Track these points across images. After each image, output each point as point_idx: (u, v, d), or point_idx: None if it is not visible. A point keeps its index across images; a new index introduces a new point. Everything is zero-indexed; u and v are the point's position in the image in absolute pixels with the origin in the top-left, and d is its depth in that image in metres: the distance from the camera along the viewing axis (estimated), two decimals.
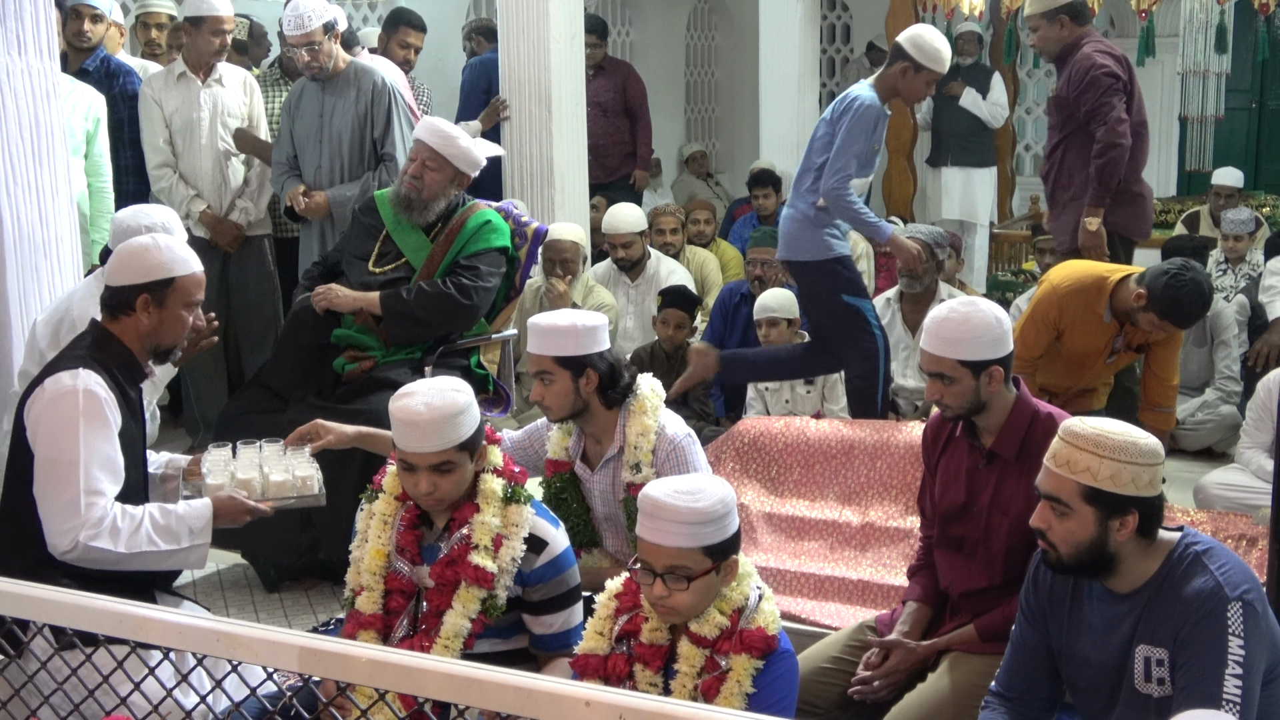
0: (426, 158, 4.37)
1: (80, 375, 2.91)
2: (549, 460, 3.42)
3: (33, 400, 2.93)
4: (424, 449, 2.71)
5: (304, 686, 1.77)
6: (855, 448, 4.32)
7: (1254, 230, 6.91)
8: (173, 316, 3.07)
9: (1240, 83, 10.55)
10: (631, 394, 3.29)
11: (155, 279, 3.04)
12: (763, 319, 5.27)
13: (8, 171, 3.96)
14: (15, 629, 1.86)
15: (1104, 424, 2.41)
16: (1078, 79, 5.12)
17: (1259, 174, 10.76)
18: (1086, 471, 2.37)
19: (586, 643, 2.64)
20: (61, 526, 2.83)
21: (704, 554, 2.44)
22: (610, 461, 3.31)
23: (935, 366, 3.01)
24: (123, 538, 2.87)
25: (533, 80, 6.31)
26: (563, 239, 5.79)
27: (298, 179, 5.30)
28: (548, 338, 3.23)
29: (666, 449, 3.26)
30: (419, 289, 4.34)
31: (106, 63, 5.43)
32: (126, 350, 3.05)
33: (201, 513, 3.00)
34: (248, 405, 4.39)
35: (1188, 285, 4.05)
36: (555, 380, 3.22)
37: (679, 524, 2.42)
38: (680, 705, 1.45)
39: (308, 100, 5.30)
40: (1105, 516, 2.37)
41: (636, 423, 3.27)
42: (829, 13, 11.50)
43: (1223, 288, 6.61)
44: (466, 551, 2.75)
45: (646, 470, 3.22)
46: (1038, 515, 2.47)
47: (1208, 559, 2.39)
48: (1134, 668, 2.43)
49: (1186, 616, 2.34)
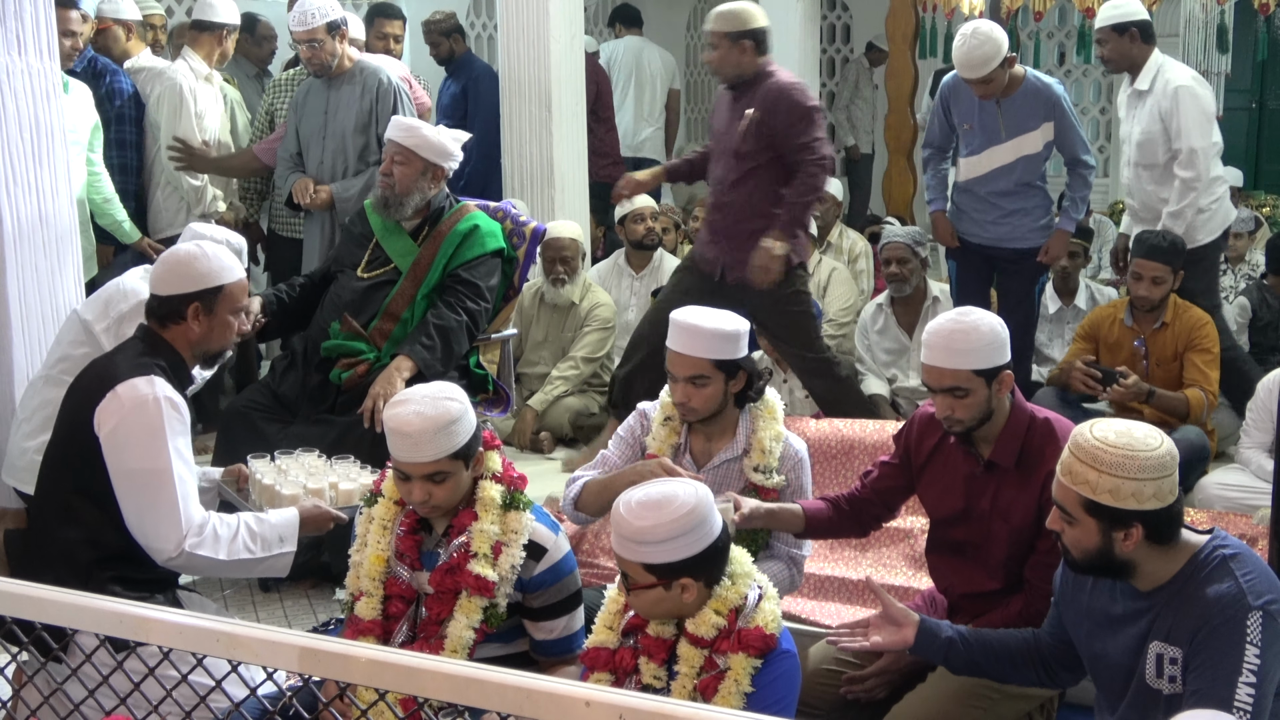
0: (394, 153, 4.40)
1: (156, 383, 2.95)
2: (649, 455, 3.33)
3: (106, 406, 2.93)
4: (417, 459, 2.70)
5: (304, 686, 1.77)
6: (855, 448, 4.32)
7: (1254, 230, 6.91)
8: (221, 323, 3.12)
9: (1240, 83, 10.54)
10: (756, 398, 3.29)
11: (205, 287, 3.08)
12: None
13: (8, 171, 3.96)
14: (45, 636, 1.87)
15: (1109, 435, 2.35)
16: (785, 110, 4.91)
17: (1259, 174, 10.77)
18: (1086, 484, 2.34)
19: (595, 636, 2.65)
20: (165, 534, 2.91)
21: (645, 570, 2.46)
22: (729, 463, 3.27)
23: (949, 381, 2.92)
24: (224, 545, 2.96)
25: (533, 80, 6.31)
26: (561, 236, 5.79)
27: (301, 175, 5.32)
28: (708, 340, 3.15)
29: (793, 459, 3.27)
30: (435, 329, 4.30)
31: (94, 63, 5.45)
32: (178, 356, 3.09)
33: (290, 521, 3.11)
34: (252, 404, 4.39)
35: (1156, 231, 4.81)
36: (710, 383, 3.17)
37: (620, 535, 2.46)
38: (680, 705, 1.45)
39: (314, 97, 5.31)
40: (1108, 528, 2.35)
41: (769, 428, 3.25)
42: (829, 13, 11.49)
43: (1222, 288, 6.62)
44: (466, 560, 2.74)
45: (777, 478, 3.22)
46: (1052, 518, 2.46)
47: (1235, 564, 2.36)
48: (1146, 662, 2.43)
49: (1206, 619, 2.32)
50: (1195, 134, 5.16)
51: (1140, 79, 5.31)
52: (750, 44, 4.99)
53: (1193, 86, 5.20)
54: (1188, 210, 5.17)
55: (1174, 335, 4.79)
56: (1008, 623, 2.96)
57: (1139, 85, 5.32)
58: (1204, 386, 4.71)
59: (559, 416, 5.64)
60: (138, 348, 3.08)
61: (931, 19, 8.31)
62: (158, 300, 3.09)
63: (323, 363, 4.39)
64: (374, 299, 4.43)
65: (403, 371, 4.20)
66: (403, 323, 4.39)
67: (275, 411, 4.35)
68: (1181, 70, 5.32)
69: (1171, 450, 2.36)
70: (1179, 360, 4.79)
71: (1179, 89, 5.17)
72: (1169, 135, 5.20)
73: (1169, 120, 5.19)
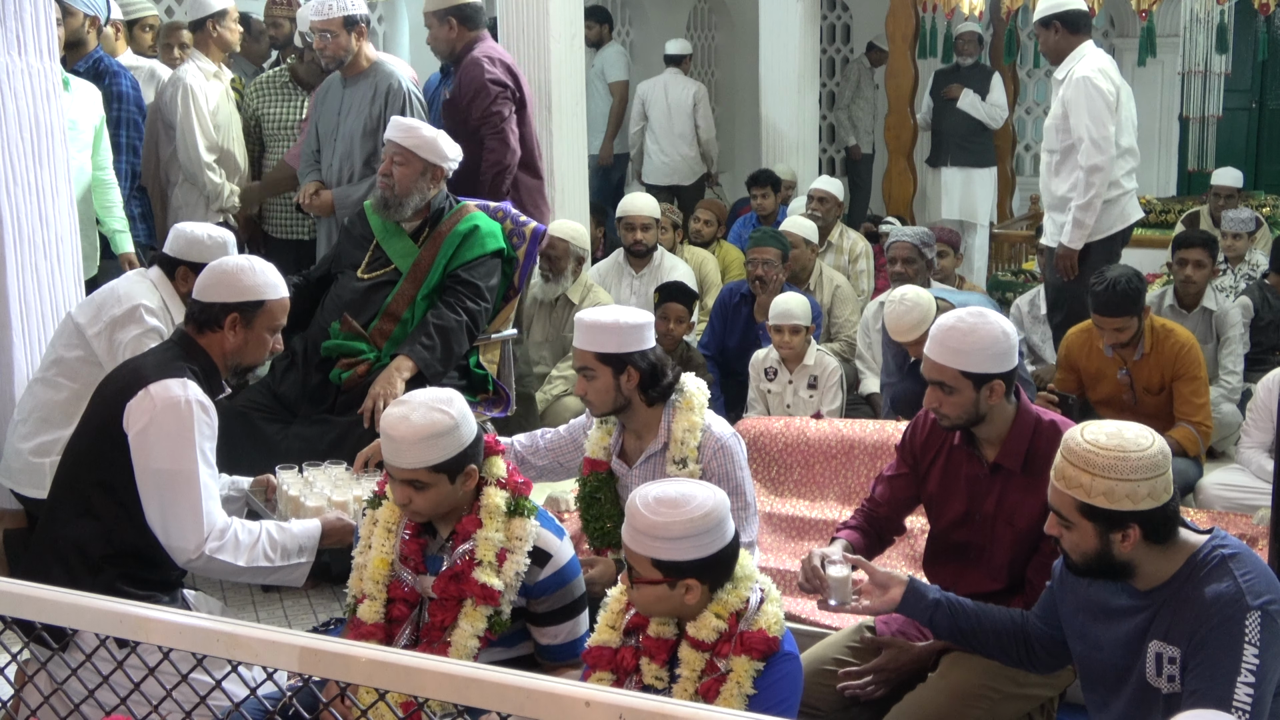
0: (393, 154, 4.40)
1: (189, 386, 2.97)
2: (586, 459, 3.40)
3: (138, 404, 2.94)
4: (395, 463, 2.71)
5: (304, 686, 1.77)
6: (855, 448, 4.32)
7: (1254, 230, 6.92)
8: (257, 338, 3.13)
9: (1240, 83, 10.55)
10: (678, 392, 3.28)
11: (246, 300, 3.10)
12: (785, 325, 5.10)
13: (8, 171, 3.96)
14: (45, 634, 1.87)
15: (1100, 437, 2.35)
16: (466, 83, 5.05)
17: (1259, 174, 10.77)
18: (1080, 488, 2.34)
19: (598, 635, 2.65)
20: (187, 535, 2.93)
21: (652, 565, 2.45)
22: (653, 457, 3.30)
23: (937, 374, 2.94)
24: (244, 551, 2.99)
25: (533, 80, 6.30)
26: (553, 235, 5.77)
27: (319, 174, 5.33)
28: (591, 334, 3.22)
29: (714, 447, 3.25)
30: (435, 329, 4.30)
31: (98, 63, 5.46)
32: (212, 364, 3.11)
33: (312, 533, 3.13)
34: (252, 405, 4.39)
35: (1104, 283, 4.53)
36: (597, 376, 3.21)
37: (630, 527, 2.46)
38: (680, 705, 1.45)
39: (331, 96, 5.31)
40: (1105, 530, 2.35)
41: (683, 419, 3.26)
42: (829, 13, 11.50)
43: (1222, 288, 6.61)
44: (471, 567, 2.73)
45: (693, 466, 3.22)
46: (1049, 523, 2.46)
47: (1234, 564, 2.35)
48: (1146, 661, 2.43)
49: (1204, 619, 2.32)
50: (1090, 124, 5.23)
51: (1060, 68, 5.44)
52: (455, 20, 5.12)
53: (1094, 77, 5.28)
54: (1096, 201, 5.24)
55: (1158, 364, 4.67)
56: None
57: (1057, 74, 5.46)
58: (1193, 420, 4.62)
59: (559, 416, 5.64)
60: (173, 350, 3.10)
61: (931, 19, 8.32)
62: (199, 306, 3.11)
63: (323, 363, 4.39)
64: (374, 299, 4.43)
65: (403, 372, 4.20)
66: (403, 323, 4.39)
67: (275, 412, 4.35)
68: (1093, 61, 5.36)
69: (1164, 449, 2.35)
70: (1167, 390, 4.68)
71: (1081, 79, 5.28)
72: (1068, 124, 5.29)
73: (1069, 108, 5.29)
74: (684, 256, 6.84)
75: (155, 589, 3.02)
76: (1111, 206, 5.33)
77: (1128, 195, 5.41)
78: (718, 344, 5.87)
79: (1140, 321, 4.60)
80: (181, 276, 3.80)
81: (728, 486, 3.17)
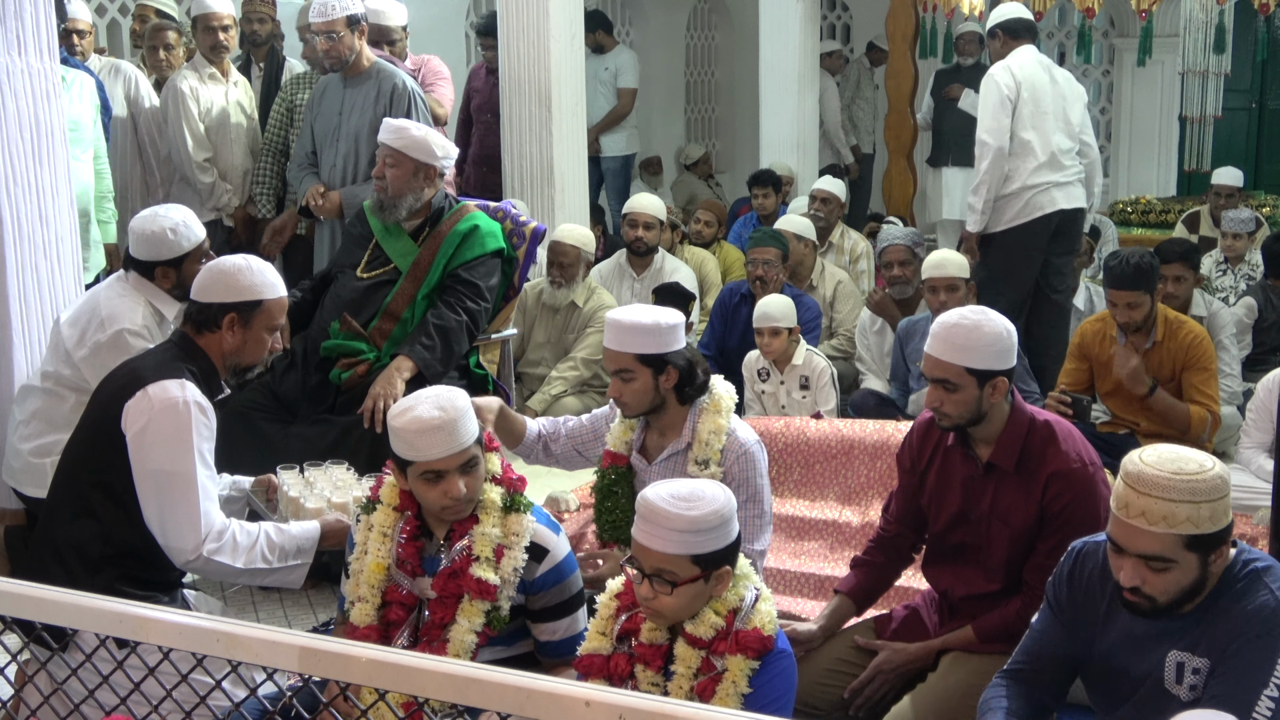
0: (385, 156, 4.39)
1: (187, 387, 2.97)
2: (607, 451, 3.39)
3: (136, 405, 2.94)
4: (450, 450, 2.68)
5: (304, 686, 1.77)
6: (855, 448, 4.32)
7: (1254, 230, 6.91)
8: (255, 338, 3.13)
9: (1240, 83, 10.55)
10: (707, 393, 3.28)
11: (244, 300, 3.09)
12: (764, 328, 5.11)
13: (8, 171, 3.96)
14: (45, 634, 1.87)
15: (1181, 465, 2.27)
16: None
17: (1259, 174, 10.77)
18: (1188, 521, 2.25)
19: (589, 643, 2.64)
20: (185, 536, 2.93)
21: (692, 562, 2.43)
22: (674, 456, 3.29)
23: (940, 372, 2.93)
24: (242, 553, 3.00)
25: (533, 80, 6.32)
26: (563, 241, 5.79)
27: (315, 176, 5.32)
28: (630, 335, 3.18)
29: (737, 451, 3.24)
30: (435, 329, 4.29)
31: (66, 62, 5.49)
32: (211, 364, 3.10)
33: (310, 535, 3.14)
34: (252, 405, 4.38)
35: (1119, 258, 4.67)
36: (636, 378, 3.19)
37: (670, 530, 2.42)
38: (680, 705, 1.45)
39: (330, 96, 5.30)
40: (1205, 557, 2.30)
41: (710, 421, 3.25)
42: (829, 13, 11.50)
43: (1222, 288, 6.62)
44: (468, 563, 2.73)
45: (715, 468, 3.21)
46: (1129, 574, 2.33)
47: (1268, 577, 2.34)
48: (1165, 669, 2.40)
49: (1242, 632, 2.30)
50: (983, 114, 5.62)
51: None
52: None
53: (996, 73, 5.62)
54: (983, 189, 5.55)
55: (1170, 354, 4.68)
56: (1006, 623, 2.96)
57: None
58: (1207, 406, 4.64)
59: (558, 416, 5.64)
60: (172, 351, 3.10)
61: (931, 19, 8.32)
62: (196, 307, 3.11)
63: (322, 363, 4.38)
64: (374, 299, 4.43)
65: (403, 372, 4.20)
66: (402, 323, 4.38)
67: (275, 412, 4.35)
68: (1011, 61, 5.67)
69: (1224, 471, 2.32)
70: (1177, 380, 4.69)
71: (988, 75, 5.66)
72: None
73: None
74: (683, 257, 6.84)
75: (155, 589, 3.02)
76: (1013, 200, 5.61)
77: (1036, 190, 5.61)
78: (718, 344, 5.87)
79: (1153, 302, 4.64)
80: (161, 275, 3.73)
81: (747, 492, 3.21)
